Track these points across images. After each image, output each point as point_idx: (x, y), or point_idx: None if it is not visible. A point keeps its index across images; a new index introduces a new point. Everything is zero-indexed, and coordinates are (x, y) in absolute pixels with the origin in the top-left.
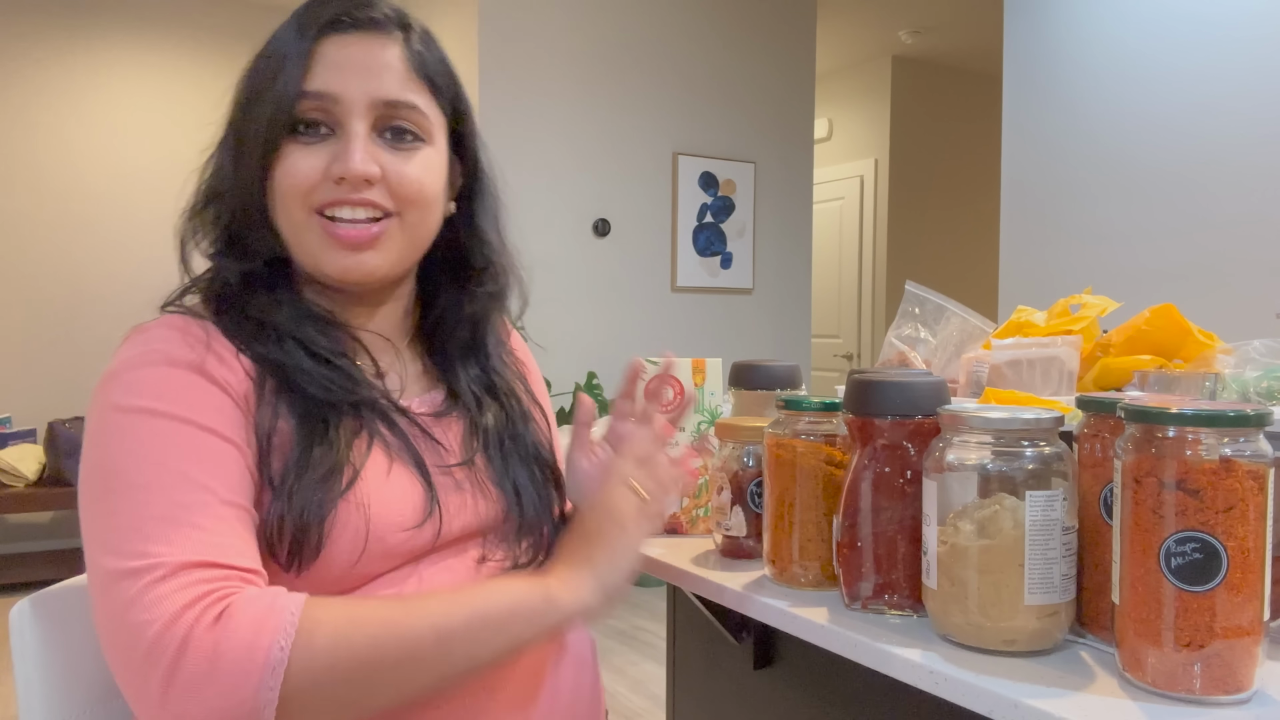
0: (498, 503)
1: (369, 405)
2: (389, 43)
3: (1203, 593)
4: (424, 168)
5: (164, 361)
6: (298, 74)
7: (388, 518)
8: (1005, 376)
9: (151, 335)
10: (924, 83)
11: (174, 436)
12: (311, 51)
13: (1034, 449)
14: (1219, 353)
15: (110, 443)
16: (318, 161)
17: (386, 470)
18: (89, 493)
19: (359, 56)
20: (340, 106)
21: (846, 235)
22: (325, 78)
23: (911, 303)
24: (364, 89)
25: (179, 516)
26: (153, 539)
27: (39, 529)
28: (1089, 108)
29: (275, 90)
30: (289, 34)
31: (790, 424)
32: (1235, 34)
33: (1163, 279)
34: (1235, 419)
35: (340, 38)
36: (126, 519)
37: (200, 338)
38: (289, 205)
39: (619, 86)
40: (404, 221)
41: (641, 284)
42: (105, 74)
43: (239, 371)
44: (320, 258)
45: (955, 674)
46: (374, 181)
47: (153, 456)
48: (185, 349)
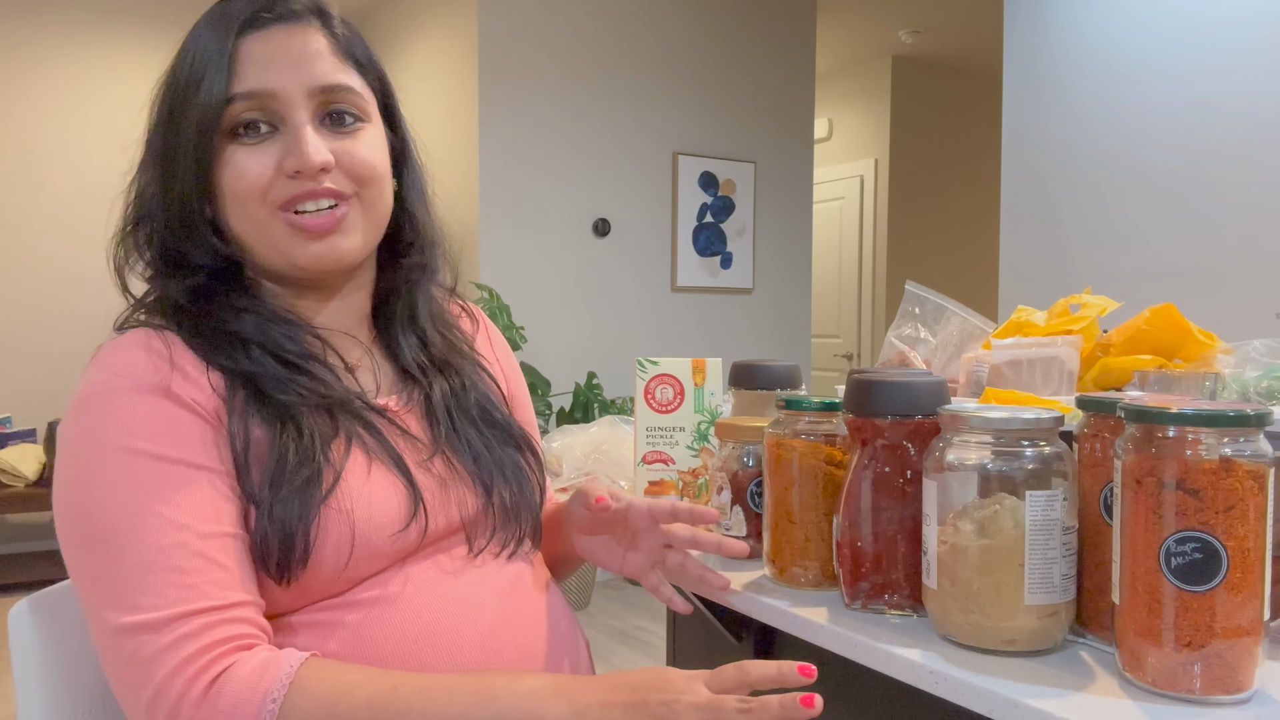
0: (473, 486)
1: (342, 406)
2: (310, 30)
3: (1203, 592)
4: (371, 146)
5: (131, 388)
6: (223, 78)
7: (372, 519)
8: (1005, 376)
9: (117, 357)
10: (924, 83)
11: (145, 475)
12: (234, 53)
13: (1034, 449)
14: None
15: (85, 485)
16: (267, 159)
17: (366, 471)
18: (71, 538)
19: (285, 49)
20: (278, 101)
21: (846, 235)
22: (256, 76)
23: (911, 303)
24: (298, 79)
25: (158, 562)
26: (138, 589)
27: (39, 529)
28: (1089, 108)
29: (201, 99)
30: (204, 39)
31: (790, 424)
32: (1235, 34)
33: (1163, 279)
34: (1235, 419)
35: (260, 34)
36: (111, 569)
37: (163, 355)
38: (247, 206)
39: (619, 86)
40: (363, 201)
41: (641, 284)
42: (108, 73)
43: (206, 388)
44: (291, 251)
45: (955, 674)
46: (329, 169)
47: (127, 500)
48: (151, 371)
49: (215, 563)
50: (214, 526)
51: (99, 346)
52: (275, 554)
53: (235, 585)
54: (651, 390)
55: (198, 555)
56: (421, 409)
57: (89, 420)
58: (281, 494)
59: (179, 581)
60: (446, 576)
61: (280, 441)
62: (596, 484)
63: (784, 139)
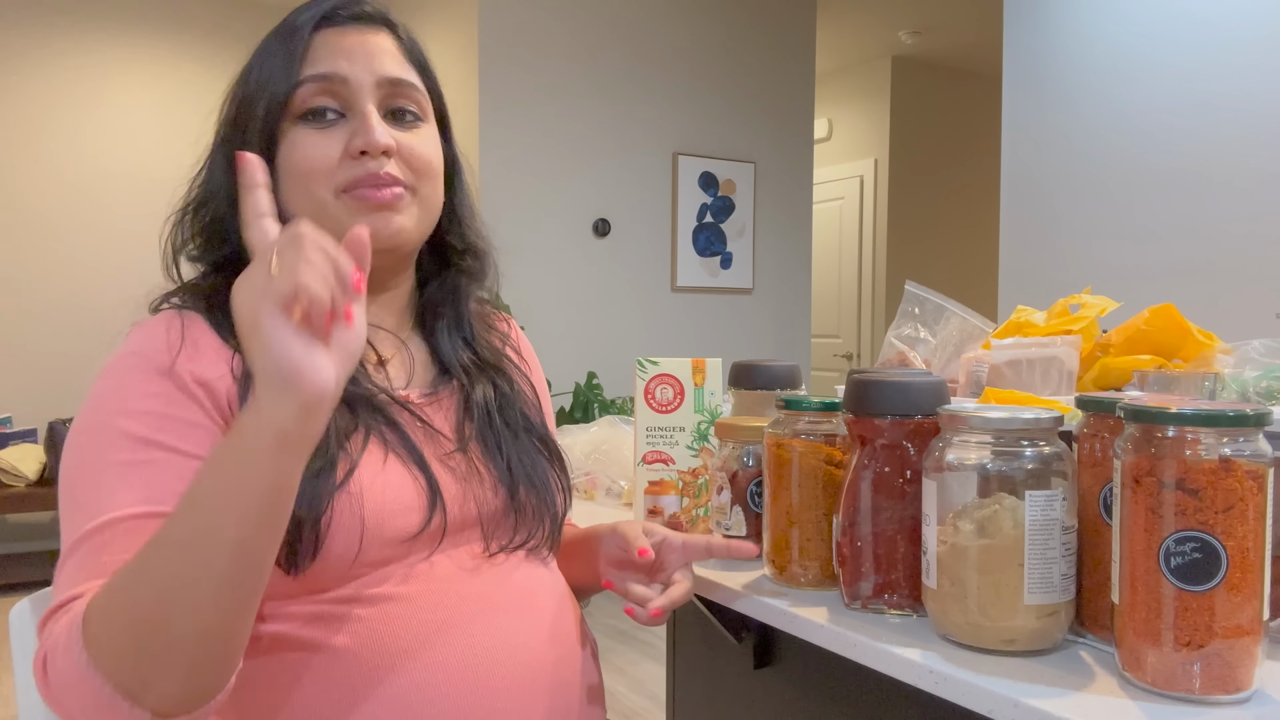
0: (497, 486)
1: (364, 401)
2: (381, 32)
3: (1202, 592)
4: (429, 142)
5: (137, 365)
6: (296, 64)
7: (384, 509)
8: (1005, 376)
9: (138, 334)
10: (924, 83)
11: (112, 453)
12: (309, 43)
13: (1034, 449)
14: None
15: (68, 452)
16: (334, 143)
17: (382, 462)
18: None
19: (357, 42)
20: (348, 87)
21: (846, 235)
22: (328, 61)
23: (911, 303)
24: (368, 69)
25: (91, 536)
26: (66, 568)
27: (39, 529)
28: (1089, 108)
29: (272, 82)
30: (280, 35)
31: (790, 424)
32: (1235, 34)
33: (1162, 279)
34: (1235, 419)
35: (335, 29)
36: (64, 539)
37: (178, 336)
38: (311, 186)
39: (619, 86)
40: (419, 195)
41: (641, 284)
42: (106, 75)
43: (225, 371)
44: (351, 224)
45: (955, 674)
46: (391, 153)
47: (91, 474)
48: (163, 351)
49: (132, 543)
50: (158, 508)
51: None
52: (285, 543)
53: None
54: (651, 390)
55: (126, 533)
56: (454, 406)
57: (94, 392)
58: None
59: (97, 558)
60: (461, 573)
61: None
62: (635, 527)
63: (784, 139)
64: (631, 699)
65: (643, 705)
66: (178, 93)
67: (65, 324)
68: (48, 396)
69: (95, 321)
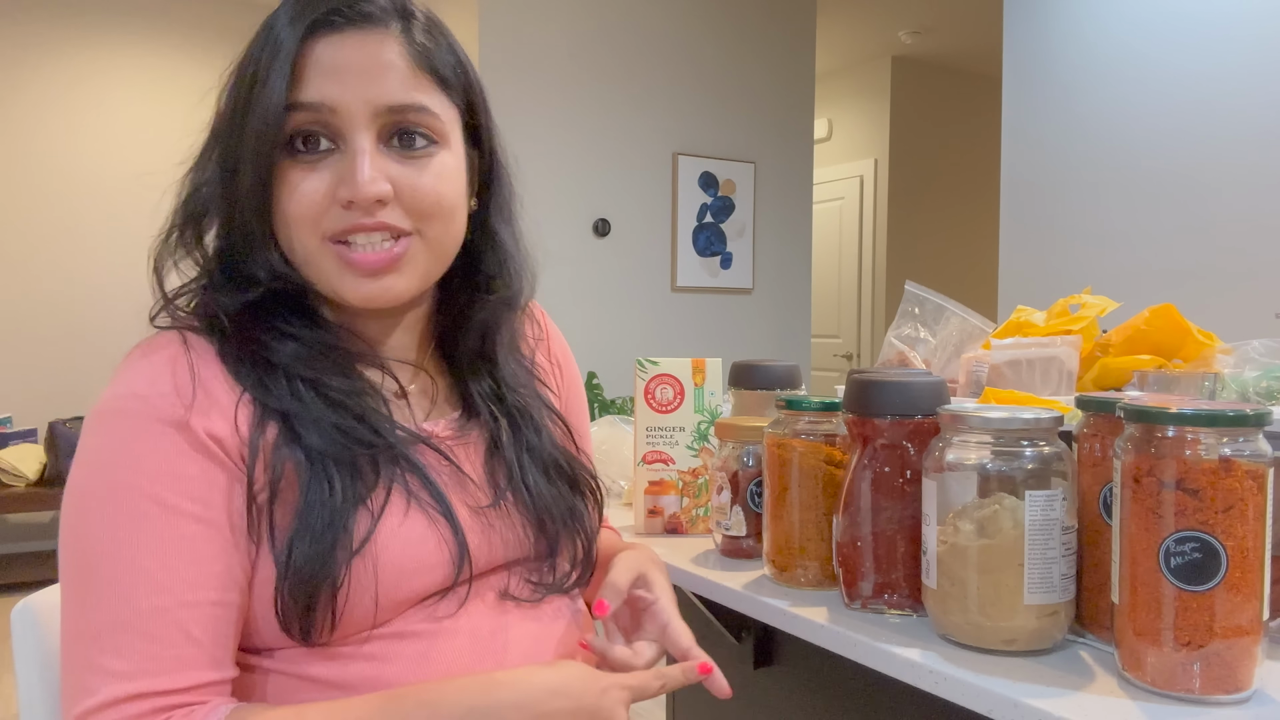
0: (526, 532)
1: (386, 451)
2: (387, 38)
3: (1202, 592)
4: (439, 176)
5: (146, 414)
6: (283, 82)
7: (401, 567)
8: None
9: (142, 371)
10: (924, 83)
11: (142, 521)
12: (300, 54)
13: (1033, 449)
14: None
15: (85, 510)
16: (321, 184)
17: (403, 514)
18: (65, 554)
19: (355, 58)
20: (339, 117)
21: (846, 235)
22: (319, 85)
23: (911, 303)
24: (363, 95)
25: (132, 624)
26: (107, 646)
27: (39, 529)
28: (1089, 108)
29: (262, 101)
30: (277, 31)
31: (790, 424)
32: (1235, 34)
33: (1162, 279)
34: (1234, 419)
35: (332, 37)
36: (89, 611)
37: (189, 377)
38: (298, 233)
39: (619, 86)
40: (425, 239)
41: (641, 284)
42: (106, 74)
43: (231, 420)
44: (339, 286)
45: (955, 674)
46: (386, 201)
47: (119, 546)
48: (171, 396)
49: (189, 636)
50: (199, 594)
51: (136, 345)
52: (296, 621)
53: (203, 664)
54: (651, 390)
55: (174, 625)
56: (483, 446)
57: (101, 441)
58: (305, 559)
59: (147, 651)
60: (486, 616)
61: (308, 494)
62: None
63: (784, 139)
64: None
65: (643, 705)
66: (181, 93)
67: (65, 324)
68: (48, 396)
69: (95, 322)
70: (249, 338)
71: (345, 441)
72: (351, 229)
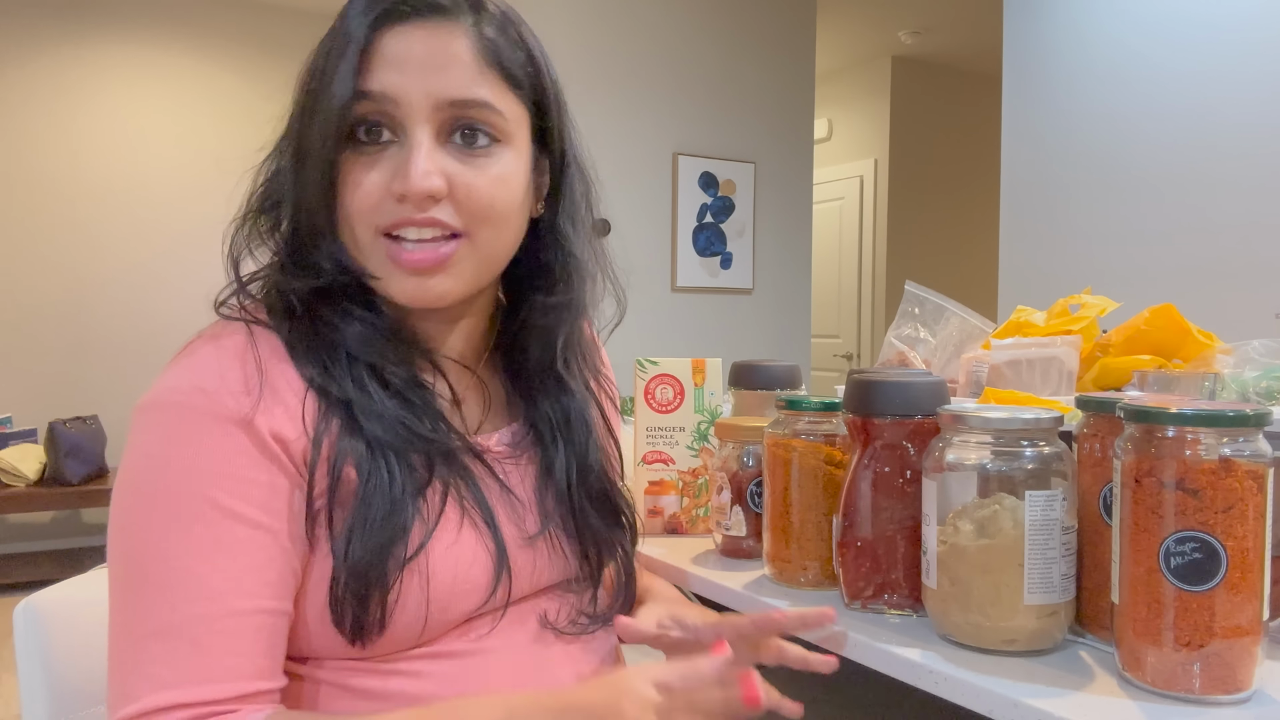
0: (568, 559)
1: (441, 452)
2: (456, 31)
3: (1202, 592)
4: (498, 178)
5: (210, 411)
6: (351, 72)
7: (455, 588)
8: (1005, 376)
9: (208, 364)
10: (924, 83)
11: (197, 525)
12: (369, 45)
13: (1034, 449)
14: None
15: (139, 509)
16: (379, 176)
17: (457, 530)
18: (115, 550)
19: (420, 50)
20: (400, 109)
21: (846, 235)
22: (383, 76)
23: (911, 303)
24: (426, 88)
25: (179, 631)
26: (146, 656)
27: (39, 529)
28: (1089, 108)
29: (328, 91)
30: (346, 24)
31: (790, 424)
32: (1235, 35)
33: (1162, 279)
34: (1235, 419)
35: (400, 28)
36: (138, 611)
37: (256, 373)
38: (353, 226)
39: (619, 87)
40: (474, 242)
41: (641, 284)
42: (106, 74)
43: (298, 417)
44: (387, 282)
45: (955, 674)
46: (439, 198)
47: (172, 549)
48: (239, 393)
49: (237, 646)
50: (250, 601)
51: (196, 336)
52: (349, 616)
53: (249, 674)
54: (651, 390)
55: (222, 633)
56: (536, 466)
57: (159, 435)
58: (363, 550)
59: (193, 659)
60: (527, 642)
61: (368, 487)
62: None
63: (784, 139)
64: None
65: None
66: (181, 93)
67: (65, 324)
68: (48, 396)
69: (96, 322)
70: (315, 318)
71: (405, 435)
72: (402, 222)
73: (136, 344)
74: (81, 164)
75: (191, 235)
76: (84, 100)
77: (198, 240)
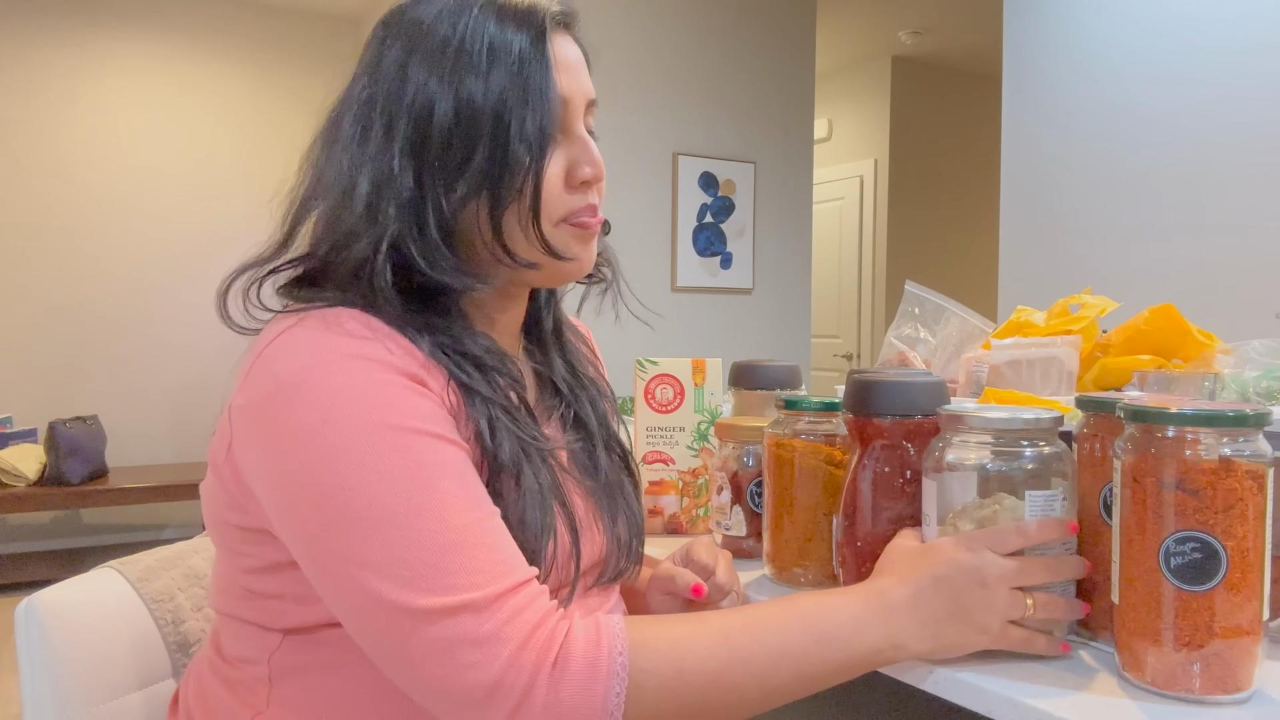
0: (604, 525)
1: (538, 449)
2: (575, 40)
3: (1202, 592)
4: None
5: (375, 367)
6: (548, 78)
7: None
8: (1005, 376)
9: (339, 339)
10: (924, 83)
11: (425, 452)
12: (547, 53)
13: (1033, 449)
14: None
15: (346, 464)
16: (556, 168)
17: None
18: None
19: (575, 56)
20: (569, 109)
21: (846, 235)
22: (563, 80)
23: (911, 303)
24: (581, 88)
25: (466, 539)
26: (451, 570)
27: (39, 529)
28: (1088, 108)
29: (532, 101)
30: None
31: (790, 424)
32: (1234, 35)
33: (1162, 279)
34: (1234, 419)
35: (559, 37)
36: (411, 551)
37: (405, 346)
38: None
39: (619, 87)
40: None
41: (641, 284)
42: (106, 75)
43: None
44: (580, 254)
45: (955, 674)
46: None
47: (413, 478)
48: (399, 354)
49: (510, 540)
50: (493, 505)
51: (284, 329)
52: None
53: (523, 565)
54: (651, 390)
55: (496, 531)
56: (561, 428)
57: (328, 399)
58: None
59: (493, 558)
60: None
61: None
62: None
63: (784, 139)
64: None
65: None
66: (181, 93)
67: (65, 324)
68: (48, 396)
69: (96, 322)
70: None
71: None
72: (585, 209)
73: (137, 344)
74: (82, 165)
75: (192, 236)
76: (83, 101)
77: (198, 240)
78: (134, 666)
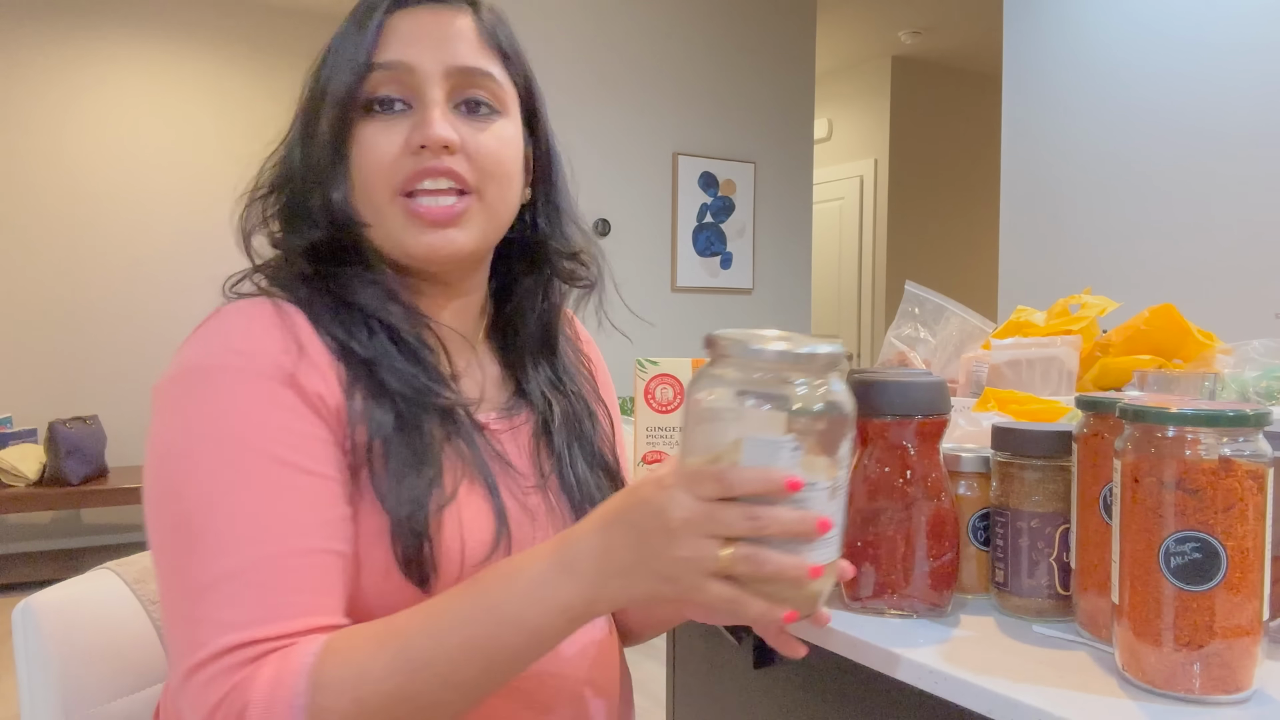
0: (565, 520)
1: (449, 413)
2: (459, 14)
3: (1202, 592)
4: (501, 139)
5: (252, 370)
6: (366, 49)
7: (477, 537)
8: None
9: (242, 327)
10: (924, 83)
11: (252, 475)
12: (381, 27)
13: (804, 388)
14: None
15: (187, 468)
16: (396, 136)
17: (469, 486)
18: (162, 517)
19: (430, 27)
20: (415, 76)
21: (846, 235)
22: (397, 49)
23: (911, 303)
24: (437, 57)
25: (243, 573)
26: (212, 604)
27: (39, 529)
28: (1088, 108)
29: (343, 65)
30: (355, 17)
31: None
32: (1234, 35)
33: (1162, 279)
34: (1234, 419)
35: (408, 11)
36: (189, 575)
37: (292, 336)
38: (371, 187)
39: (619, 87)
40: (484, 199)
41: (641, 284)
42: (106, 75)
43: (332, 380)
44: (404, 239)
45: (955, 674)
46: (454, 149)
47: (225, 499)
48: (279, 353)
49: (301, 584)
50: (312, 541)
51: (216, 310)
52: (416, 563)
53: (315, 610)
54: (651, 390)
55: (286, 572)
56: (530, 436)
57: (203, 396)
58: (406, 494)
59: (260, 599)
60: None
61: (400, 438)
62: None
63: (784, 139)
64: None
65: (643, 705)
66: (180, 93)
67: (65, 324)
68: (48, 396)
69: (95, 322)
70: (328, 282)
71: (425, 393)
72: (420, 173)
73: (136, 344)
74: (82, 164)
75: (192, 235)
76: (83, 100)
77: (198, 240)
78: (131, 668)
